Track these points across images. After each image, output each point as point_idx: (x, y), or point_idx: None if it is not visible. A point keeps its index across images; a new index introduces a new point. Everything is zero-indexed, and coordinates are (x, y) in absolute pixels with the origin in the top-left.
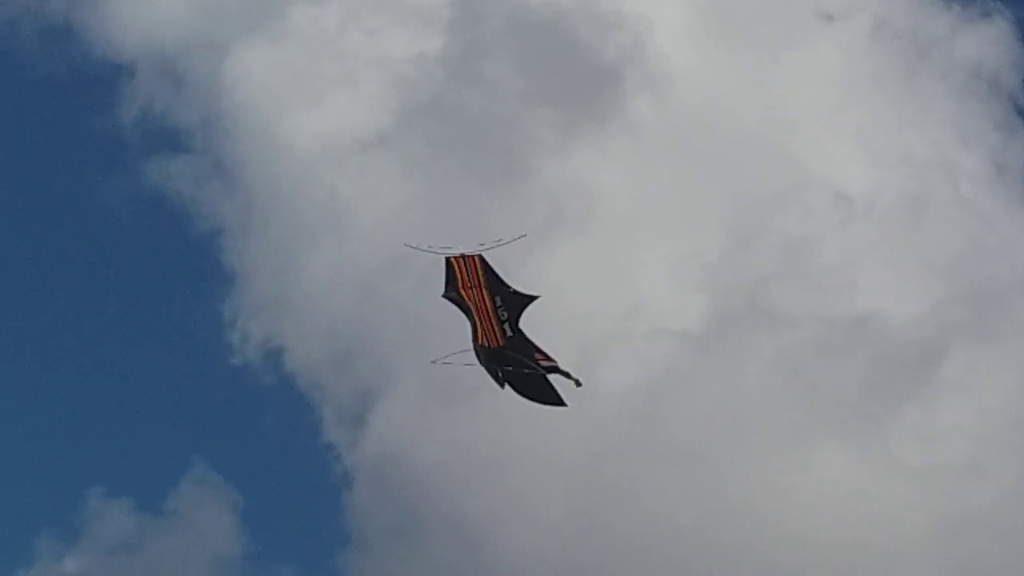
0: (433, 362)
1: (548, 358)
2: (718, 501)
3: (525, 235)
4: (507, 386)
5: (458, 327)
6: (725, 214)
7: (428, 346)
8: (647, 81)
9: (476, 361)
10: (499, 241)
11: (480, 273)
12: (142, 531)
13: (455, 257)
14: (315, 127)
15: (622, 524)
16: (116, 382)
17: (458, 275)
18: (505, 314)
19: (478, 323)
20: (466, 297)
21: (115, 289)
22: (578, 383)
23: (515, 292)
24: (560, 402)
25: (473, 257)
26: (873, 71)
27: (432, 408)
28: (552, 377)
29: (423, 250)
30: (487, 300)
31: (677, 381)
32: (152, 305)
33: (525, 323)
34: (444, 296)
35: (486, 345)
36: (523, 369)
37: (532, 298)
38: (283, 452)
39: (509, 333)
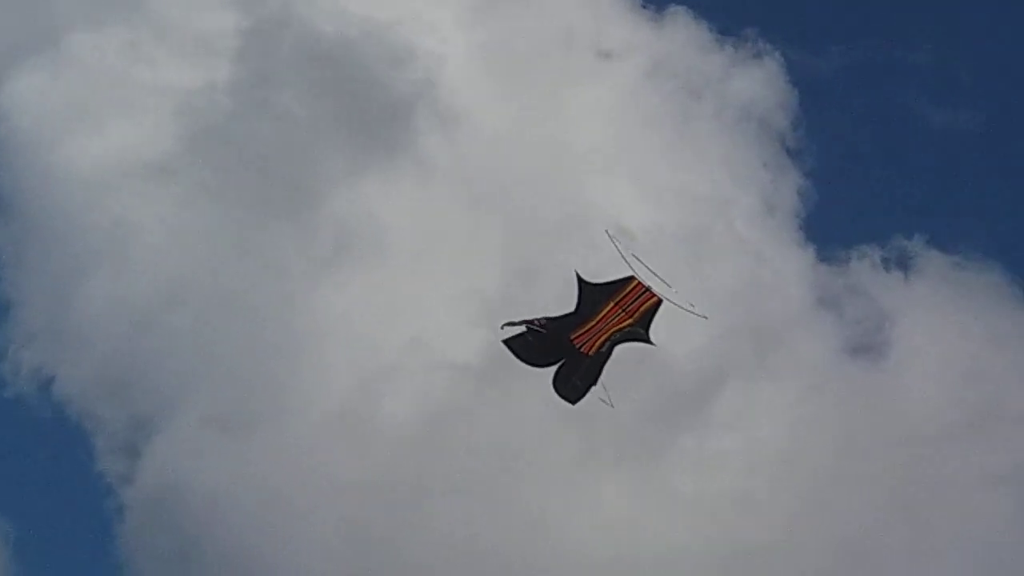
0: (503, 327)
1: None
2: (498, 530)
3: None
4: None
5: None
6: (508, 249)
7: (207, 377)
8: (437, 116)
9: (542, 331)
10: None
11: (641, 307)
12: None
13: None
14: (96, 155)
15: (406, 553)
16: None
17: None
18: (618, 336)
19: (590, 326)
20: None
21: None
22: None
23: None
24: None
25: (652, 292)
26: (650, 109)
27: (210, 438)
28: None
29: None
30: (618, 320)
31: (457, 413)
32: None
33: None
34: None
35: (577, 347)
36: (577, 381)
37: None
38: (56, 483)
39: (603, 350)
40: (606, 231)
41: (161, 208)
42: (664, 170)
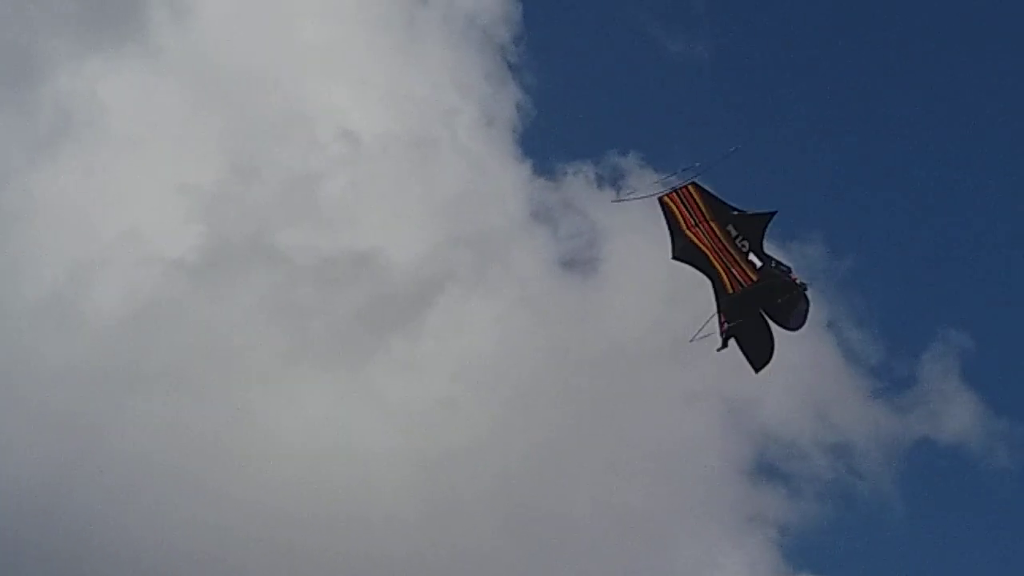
0: (691, 341)
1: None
2: (206, 421)
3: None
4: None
5: None
6: (230, 146)
7: None
8: (168, 4)
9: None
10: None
11: (701, 204)
12: None
13: (668, 195)
14: None
15: (113, 441)
16: None
17: (679, 216)
18: (745, 244)
19: (721, 269)
20: (697, 242)
21: None
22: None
23: (747, 214)
24: (766, 361)
25: (687, 187)
26: (379, 13)
27: None
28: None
29: (635, 198)
30: (720, 234)
31: (169, 306)
32: None
33: None
34: (674, 258)
35: (740, 289)
36: (782, 297)
37: (770, 215)
38: None
39: (758, 263)
40: None
41: None
42: (389, 74)
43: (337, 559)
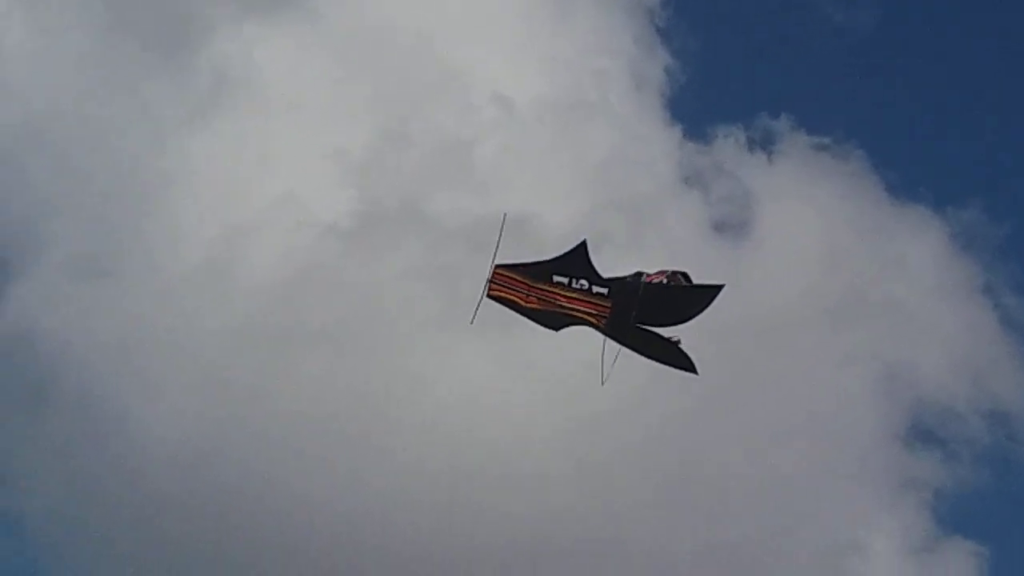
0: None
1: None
2: (360, 382)
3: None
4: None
5: None
6: (383, 110)
7: (70, 218)
8: None
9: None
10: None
11: (518, 277)
12: None
13: (490, 290)
14: None
15: (268, 402)
16: None
17: (513, 299)
18: (583, 282)
19: (581, 315)
20: (543, 307)
21: None
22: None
23: (557, 258)
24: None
25: (495, 273)
26: None
27: (71, 280)
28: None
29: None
30: (553, 289)
31: (320, 273)
32: None
33: None
34: (556, 328)
35: (606, 320)
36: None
37: (576, 248)
38: None
39: (604, 290)
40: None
41: (26, 36)
42: (540, 38)
43: (493, 516)
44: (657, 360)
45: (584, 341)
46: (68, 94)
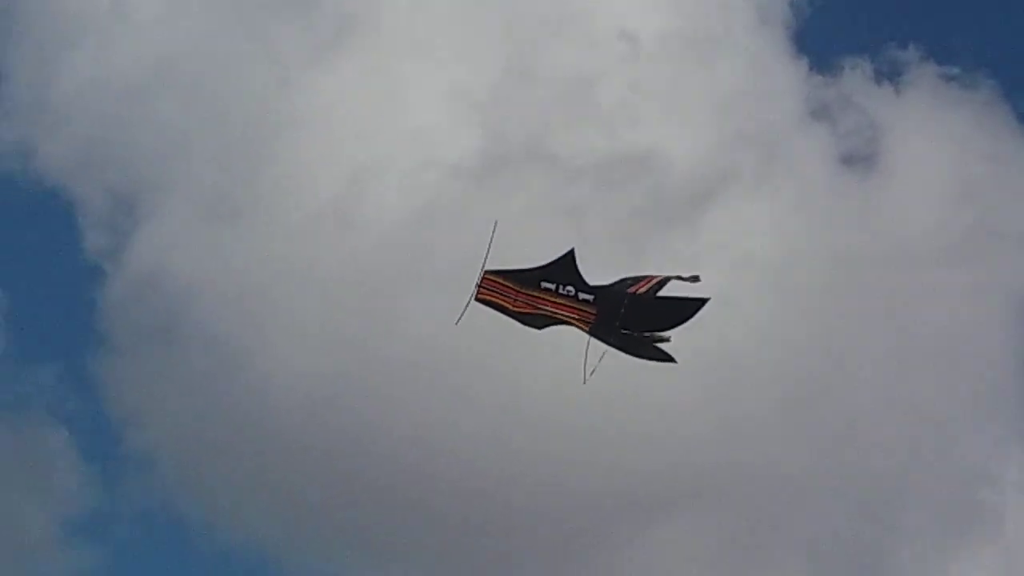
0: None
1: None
2: (482, 324)
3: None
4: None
5: None
6: (508, 49)
7: (196, 160)
8: None
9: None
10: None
11: (506, 283)
12: None
13: (479, 295)
14: None
15: (380, 350)
16: None
17: (501, 303)
18: (570, 288)
19: (566, 318)
20: (532, 311)
21: None
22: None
23: (550, 264)
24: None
25: (484, 279)
26: None
27: (197, 223)
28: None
29: (465, 309)
30: (541, 294)
31: (445, 213)
32: None
33: None
34: (538, 327)
35: (590, 325)
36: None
37: (564, 256)
38: (44, 257)
39: (591, 297)
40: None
41: None
42: None
43: (617, 461)
44: (638, 356)
45: (713, 274)
46: (196, 34)
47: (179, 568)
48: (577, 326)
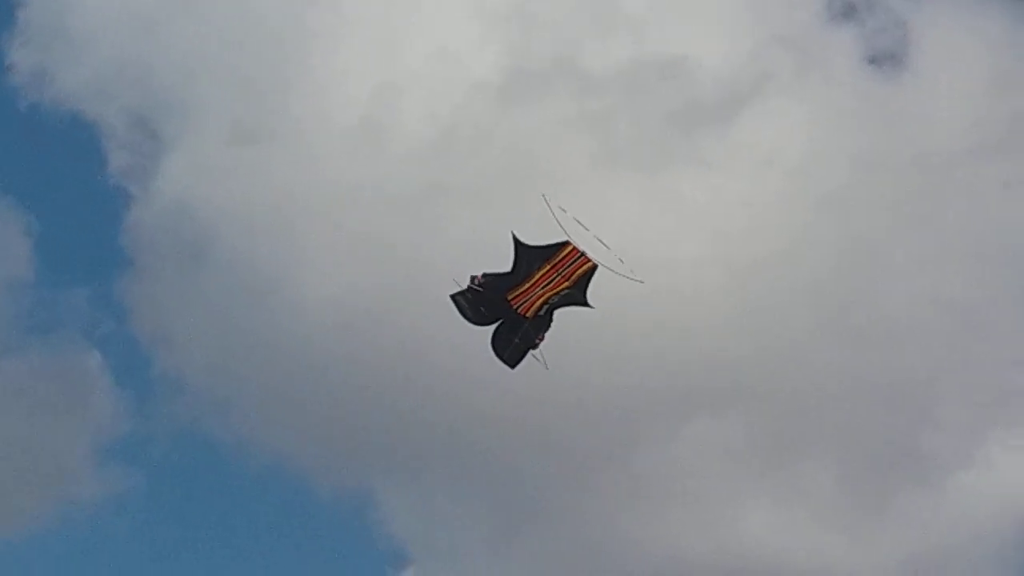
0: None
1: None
2: (507, 234)
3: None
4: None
5: None
6: None
7: (222, 84)
8: None
9: (479, 290)
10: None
11: (577, 273)
12: None
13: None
14: None
15: (415, 260)
16: None
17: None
18: (555, 300)
19: (526, 287)
20: (536, 266)
21: None
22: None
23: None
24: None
25: (587, 257)
26: None
27: (225, 145)
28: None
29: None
30: (555, 284)
31: (473, 128)
32: None
33: None
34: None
35: (514, 308)
36: (517, 340)
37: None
38: (72, 181)
39: (541, 313)
40: (543, 196)
41: None
42: None
43: (655, 363)
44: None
45: (751, 183)
46: None
47: (212, 489)
48: (513, 298)
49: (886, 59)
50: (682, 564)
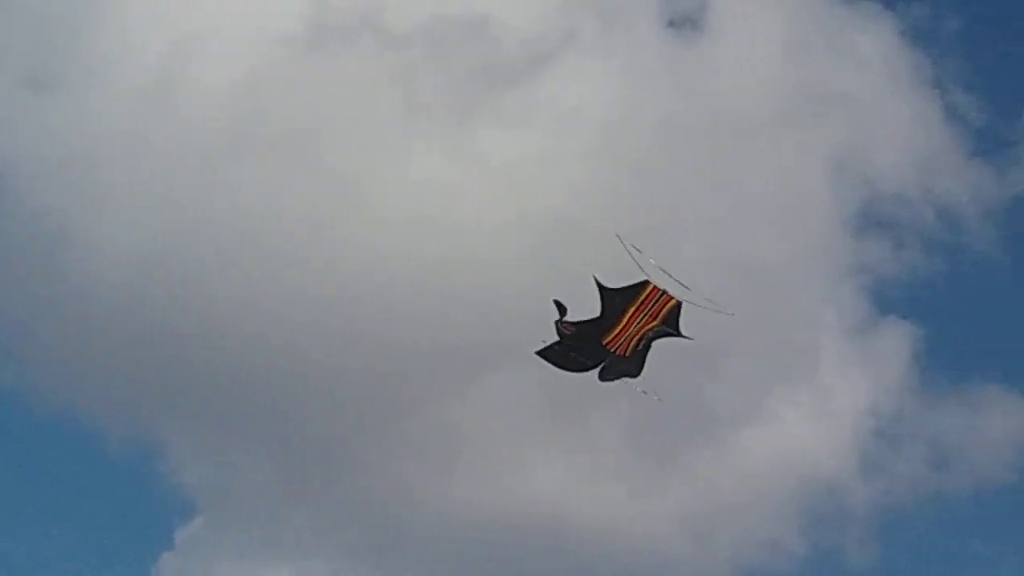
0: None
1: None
2: (306, 195)
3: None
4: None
5: None
6: None
7: (14, 33)
8: None
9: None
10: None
11: (664, 311)
12: None
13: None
14: None
15: (210, 217)
16: None
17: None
18: (651, 335)
19: (619, 330)
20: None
21: None
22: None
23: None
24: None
25: (669, 295)
26: None
27: (14, 98)
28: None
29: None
30: (645, 322)
31: (272, 83)
32: None
33: None
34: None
35: (611, 351)
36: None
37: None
38: None
39: (640, 348)
40: (616, 235)
41: None
42: None
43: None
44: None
45: (553, 145)
46: None
47: None
48: (608, 341)
49: (685, 22)
50: (469, 518)
